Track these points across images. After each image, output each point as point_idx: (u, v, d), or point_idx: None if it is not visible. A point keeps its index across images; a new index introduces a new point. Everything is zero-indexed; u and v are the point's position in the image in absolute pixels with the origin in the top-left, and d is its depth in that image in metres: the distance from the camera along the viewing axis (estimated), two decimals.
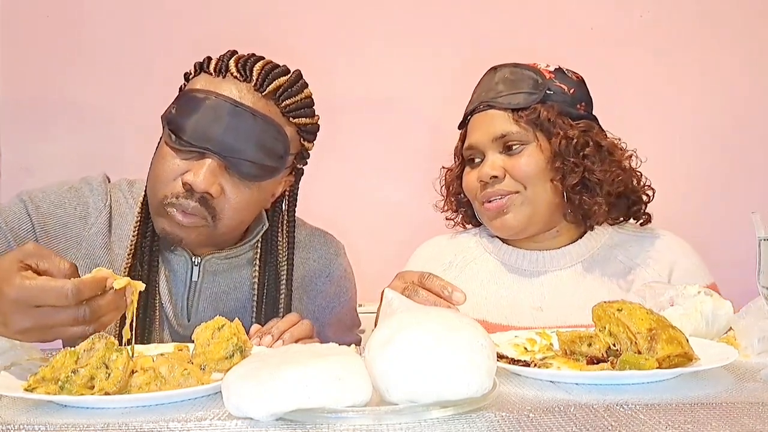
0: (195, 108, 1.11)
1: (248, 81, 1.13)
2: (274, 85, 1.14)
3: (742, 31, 2.08)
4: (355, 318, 1.44)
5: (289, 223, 1.29)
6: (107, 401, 0.74)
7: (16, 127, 2.09)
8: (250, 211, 1.19)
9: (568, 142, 1.32)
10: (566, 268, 1.38)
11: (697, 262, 1.38)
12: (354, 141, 2.09)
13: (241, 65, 1.14)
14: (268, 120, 1.13)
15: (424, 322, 0.72)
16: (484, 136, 1.35)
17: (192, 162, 1.11)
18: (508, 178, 1.34)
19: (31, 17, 2.07)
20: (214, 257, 1.23)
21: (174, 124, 1.12)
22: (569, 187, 1.33)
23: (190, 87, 1.16)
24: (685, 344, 0.83)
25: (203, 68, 1.17)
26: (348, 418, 0.66)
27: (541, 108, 1.33)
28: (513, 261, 1.41)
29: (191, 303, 1.24)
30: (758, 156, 2.09)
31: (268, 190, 1.20)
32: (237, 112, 1.11)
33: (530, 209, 1.34)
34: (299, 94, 1.17)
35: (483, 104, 1.37)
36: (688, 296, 1.06)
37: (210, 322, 0.89)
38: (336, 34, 2.08)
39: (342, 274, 1.38)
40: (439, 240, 1.53)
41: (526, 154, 1.33)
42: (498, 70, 1.40)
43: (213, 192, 1.10)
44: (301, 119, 1.18)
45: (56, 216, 1.21)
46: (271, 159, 1.14)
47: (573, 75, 1.40)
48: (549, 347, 0.97)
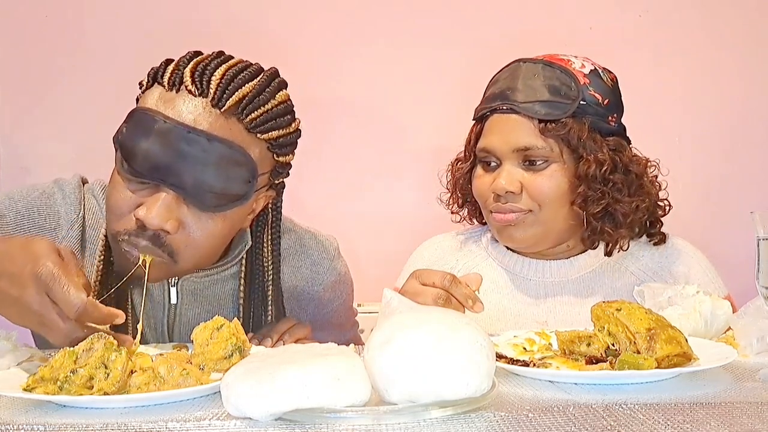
0: (145, 133, 0.97)
1: (204, 95, 0.98)
2: (235, 97, 0.99)
3: (742, 31, 2.08)
4: (351, 317, 1.38)
5: (273, 239, 1.18)
6: (106, 401, 0.74)
7: (15, 127, 2.08)
8: (217, 242, 1.05)
9: (598, 167, 1.21)
10: (573, 279, 1.32)
11: (712, 275, 1.32)
12: (354, 141, 2.09)
13: (198, 75, 0.99)
14: (226, 143, 0.98)
15: (424, 322, 0.72)
16: (504, 144, 1.24)
17: (144, 195, 0.98)
18: (524, 195, 1.24)
19: (31, 17, 2.07)
20: (192, 277, 1.14)
21: (124, 148, 0.99)
22: (591, 214, 1.24)
23: (141, 104, 1.02)
24: (684, 344, 0.83)
25: (157, 79, 1.02)
26: (347, 418, 0.66)
27: (572, 123, 1.21)
28: (518, 270, 1.35)
29: (171, 327, 1.16)
30: (758, 156, 2.08)
31: (239, 216, 1.06)
32: (190, 138, 0.96)
33: (541, 230, 1.26)
34: (268, 103, 1.02)
35: (506, 105, 1.24)
36: (687, 296, 1.06)
37: (209, 322, 0.89)
38: (337, 35, 2.07)
39: (336, 279, 1.29)
40: (442, 241, 1.45)
41: (548, 173, 1.23)
42: (525, 65, 1.27)
43: (169, 228, 0.97)
44: (271, 133, 1.02)
45: (23, 228, 1.10)
46: (236, 185, 1.00)
47: (608, 78, 1.28)
48: (548, 347, 0.97)
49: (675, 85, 2.07)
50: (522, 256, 1.35)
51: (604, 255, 1.32)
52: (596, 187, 1.22)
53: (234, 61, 1.05)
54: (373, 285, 1.27)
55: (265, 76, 1.04)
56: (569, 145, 1.22)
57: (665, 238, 1.34)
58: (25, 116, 2.07)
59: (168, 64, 1.03)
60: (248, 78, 1.02)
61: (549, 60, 1.27)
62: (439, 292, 1.03)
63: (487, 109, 1.29)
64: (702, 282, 1.30)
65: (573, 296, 1.31)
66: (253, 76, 1.03)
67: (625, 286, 1.30)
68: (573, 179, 1.23)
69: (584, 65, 1.27)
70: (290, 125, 1.06)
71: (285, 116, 1.05)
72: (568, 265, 1.33)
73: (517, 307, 1.32)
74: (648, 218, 1.32)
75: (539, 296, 1.32)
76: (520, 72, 1.27)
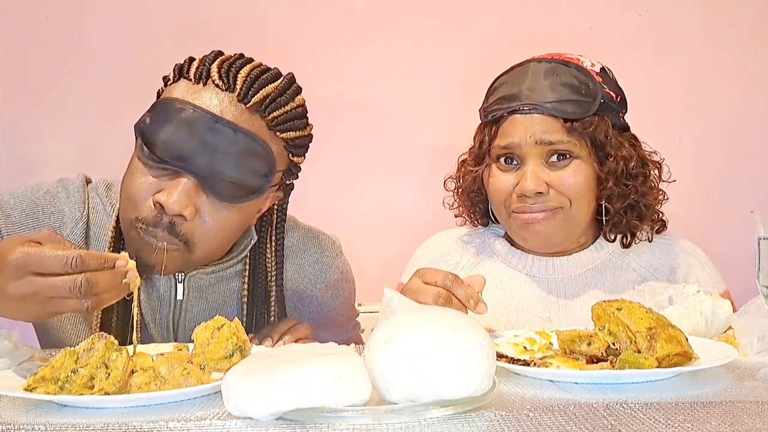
0: (170, 120, 1.01)
1: (231, 90, 1.03)
2: (260, 95, 1.03)
3: (742, 31, 2.08)
4: (353, 315, 1.40)
5: (277, 239, 1.20)
6: (107, 401, 0.75)
7: (15, 127, 2.08)
8: (230, 233, 1.09)
9: (625, 164, 1.24)
10: (576, 276, 1.33)
11: (711, 271, 1.34)
12: (354, 141, 2.08)
13: (224, 71, 1.04)
14: (251, 136, 1.02)
15: (424, 322, 0.72)
16: (528, 140, 1.23)
17: (165, 180, 1.01)
18: (552, 193, 1.24)
19: (31, 17, 2.07)
20: (199, 273, 1.15)
21: (147, 136, 1.02)
22: (616, 209, 1.27)
23: (166, 95, 1.06)
24: (684, 343, 0.83)
25: (183, 73, 1.06)
26: (347, 417, 0.66)
27: (597, 121, 1.23)
28: (522, 266, 1.35)
29: (177, 323, 1.17)
30: (758, 156, 2.08)
31: (251, 210, 1.10)
32: (216, 128, 1.00)
33: (571, 228, 1.28)
34: (288, 104, 1.07)
35: (527, 106, 1.23)
36: (688, 295, 1.06)
37: (210, 321, 0.89)
38: (337, 35, 2.07)
39: (339, 277, 1.31)
40: (445, 237, 1.45)
41: (572, 168, 1.24)
42: (538, 64, 1.27)
43: (186, 214, 1.00)
44: (289, 133, 1.07)
45: (28, 226, 1.12)
46: (254, 178, 1.04)
47: (613, 75, 1.31)
48: (548, 346, 0.97)
49: (675, 85, 2.07)
50: (525, 253, 1.36)
51: (621, 247, 1.34)
52: (624, 183, 1.26)
53: (256, 62, 1.09)
54: (374, 285, 1.27)
55: (286, 80, 1.09)
56: (595, 143, 1.24)
57: (665, 225, 1.37)
58: (25, 116, 2.07)
59: (192, 60, 1.08)
60: (271, 79, 1.07)
61: (562, 59, 1.27)
62: (440, 291, 1.03)
63: (503, 109, 1.27)
64: (701, 277, 1.32)
65: (576, 292, 1.32)
66: (275, 77, 1.08)
67: (626, 282, 1.31)
68: (596, 175, 1.26)
69: (594, 64, 1.29)
70: (306, 128, 1.11)
71: (302, 119, 1.10)
72: (571, 261, 1.34)
73: (520, 303, 1.32)
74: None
75: (542, 293, 1.33)
76: (534, 72, 1.26)
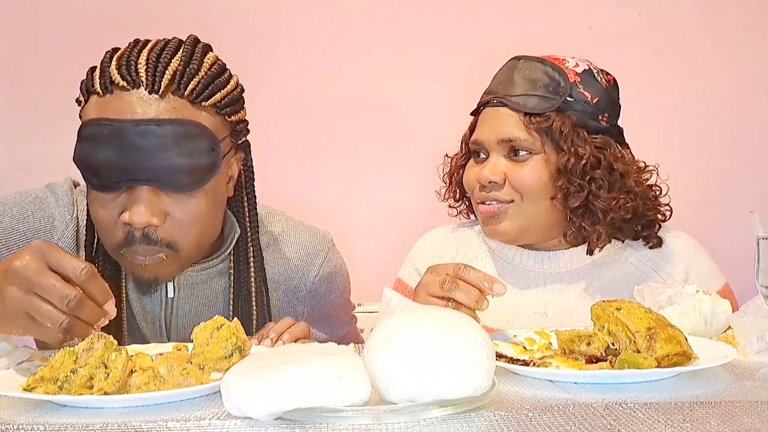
0: (96, 143, 0.99)
1: (138, 86, 0.99)
2: (166, 77, 1.00)
3: (742, 31, 2.08)
4: (348, 310, 1.38)
5: (249, 200, 1.18)
6: (106, 401, 0.74)
7: (15, 127, 2.09)
8: (209, 219, 1.07)
9: (577, 161, 1.23)
10: (573, 270, 1.33)
11: (710, 265, 1.34)
12: (354, 141, 2.09)
13: (125, 70, 1.00)
14: (177, 122, 0.99)
15: (424, 321, 0.72)
16: (492, 135, 1.27)
17: (123, 198, 1.00)
18: (507, 185, 1.26)
19: (30, 17, 2.07)
20: (189, 270, 1.15)
21: (86, 167, 1.01)
22: (570, 208, 1.26)
23: (84, 119, 1.03)
24: (683, 343, 0.83)
25: (89, 90, 1.03)
26: (347, 417, 0.66)
27: (555, 117, 1.24)
28: (517, 260, 1.36)
29: (168, 321, 1.17)
30: (758, 156, 2.08)
31: (218, 187, 1.07)
32: (140, 130, 0.97)
33: (524, 221, 1.28)
34: (200, 71, 1.03)
35: (497, 99, 1.28)
36: (687, 295, 1.06)
37: (209, 321, 0.89)
38: (337, 35, 2.07)
39: (332, 270, 1.29)
40: (442, 232, 1.46)
41: (530, 164, 1.25)
42: (521, 62, 1.31)
43: (156, 222, 0.99)
44: (214, 97, 1.03)
45: (19, 231, 1.12)
46: (203, 158, 1.01)
47: (604, 79, 1.30)
48: (548, 346, 0.97)
49: (675, 85, 2.07)
50: (521, 248, 1.36)
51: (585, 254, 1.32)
52: (575, 181, 1.24)
53: (152, 43, 1.06)
54: (373, 284, 1.27)
55: (188, 46, 1.05)
56: (552, 139, 1.25)
57: (661, 242, 1.34)
58: (25, 116, 2.07)
59: (93, 71, 1.05)
60: (172, 53, 1.03)
61: (544, 57, 1.30)
62: (445, 277, 1.02)
63: (481, 103, 1.34)
64: (700, 271, 1.32)
65: (573, 287, 1.32)
66: (175, 50, 1.04)
67: (625, 277, 1.31)
68: (555, 173, 1.25)
69: (578, 65, 1.30)
70: (229, 83, 1.07)
71: (221, 77, 1.06)
72: (568, 255, 1.34)
73: (516, 297, 1.33)
74: (638, 221, 1.31)
75: (539, 287, 1.33)
76: (515, 68, 1.31)
